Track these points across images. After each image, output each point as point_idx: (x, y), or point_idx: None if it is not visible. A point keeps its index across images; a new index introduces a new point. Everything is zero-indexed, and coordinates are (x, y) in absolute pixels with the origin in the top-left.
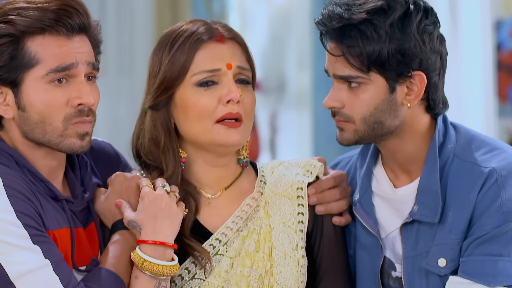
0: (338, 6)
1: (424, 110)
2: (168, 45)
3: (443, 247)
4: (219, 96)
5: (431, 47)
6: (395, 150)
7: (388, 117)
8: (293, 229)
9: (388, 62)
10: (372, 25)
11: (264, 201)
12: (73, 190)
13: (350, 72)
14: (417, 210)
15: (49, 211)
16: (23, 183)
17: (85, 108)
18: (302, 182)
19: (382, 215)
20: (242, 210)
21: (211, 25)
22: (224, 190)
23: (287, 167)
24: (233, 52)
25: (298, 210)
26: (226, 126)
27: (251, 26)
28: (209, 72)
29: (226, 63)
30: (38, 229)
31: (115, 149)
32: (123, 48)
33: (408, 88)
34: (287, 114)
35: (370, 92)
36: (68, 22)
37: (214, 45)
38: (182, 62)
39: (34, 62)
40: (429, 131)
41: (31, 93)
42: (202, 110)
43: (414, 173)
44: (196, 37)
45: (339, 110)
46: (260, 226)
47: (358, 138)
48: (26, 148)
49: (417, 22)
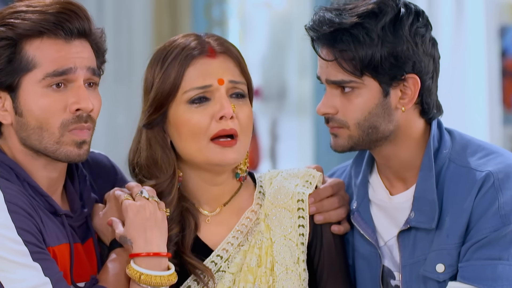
0: (328, 11)
1: (418, 114)
2: (160, 62)
3: (441, 252)
4: (212, 113)
5: (423, 50)
6: (390, 157)
7: (383, 122)
8: (294, 242)
9: (381, 65)
10: (364, 29)
11: (264, 213)
12: (72, 204)
13: (343, 76)
14: (413, 217)
15: (49, 226)
16: (24, 198)
17: (84, 114)
18: (303, 194)
19: (379, 223)
20: (242, 224)
21: (203, 39)
22: (222, 206)
23: (286, 177)
24: (225, 66)
25: (299, 223)
26: (221, 146)
27: (251, 32)
28: (200, 88)
29: (217, 79)
30: (39, 246)
31: (111, 162)
32: (121, 55)
33: (402, 91)
34: (288, 122)
35: (363, 97)
36: (67, 25)
37: (205, 61)
38: (173, 80)
39: (31, 66)
40: (424, 137)
41: (28, 98)
42: (195, 128)
43: (409, 180)
44: (186, 53)
45: (332, 116)
46: (261, 240)
47: (352, 144)
48: (25, 157)
49: (409, 25)
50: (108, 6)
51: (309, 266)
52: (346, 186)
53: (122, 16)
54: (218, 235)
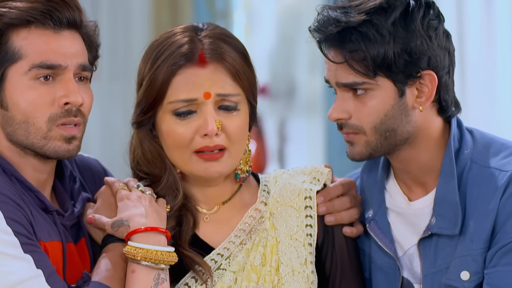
0: (333, 10)
1: (436, 113)
2: (151, 60)
3: (465, 259)
4: (197, 127)
5: (438, 43)
6: (409, 161)
7: (400, 124)
8: (301, 242)
9: (394, 63)
10: (373, 26)
11: (269, 212)
12: (62, 204)
13: (355, 78)
14: (435, 222)
15: (40, 221)
16: (14, 190)
17: (73, 109)
18: (311, 191)
19: (398, 232)
20: (245, 223)
21: (197, 40)
22: (221, 204)
23: (292, 174)
24: (215, 77)
25: (306, 222)
26: (203, 159)
27: (258, 25)
28: (185, 101)
29: (203, 92)
30: (29, 238)
31: (102, 165)
32: (117, 50)
33: (418, 90)
34: (297, 122)
35: (378, 98)
36: (56, 15)
37: (193, 71)
38: (159, 86)
39: (17, 57)
40: (443, 137)
41: (14, 90)
42: (177, 140)
43: (429, 184)
44: (174, 60)
45: (346, 122)
46: (266, 238)
47: (371, 150)
48: (12, 155)
49: (421, 18)
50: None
51: (320, 270)
52: (359, 194)
53: (119, 8)
54: (218, 233)
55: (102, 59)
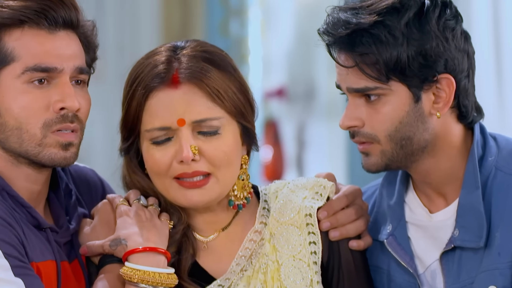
0: (343, 11)
1: (456, 119)
2: (129, 83)
3: (492, 273)
4: (174, 152)
5: (455, 45)
6: (429, 172)
7: (417, 131)
8: (305, 262)
9: (409, 67)
10: (385, 27)
11: (269, 232)
12: (57, 219)
13: (367, 83)
14: (458, 235)
15: (32, 240)
16: (4, 207)
17: (69, 114)
18: (311, 208)
19: (419, 247)
20: (246, 248)
21: (174, 60)
22: (221, 231)
23: (293, 189)
24: (189, 100)
25: (309, 239)
26: (184, 187)
27: (275, 23)
28: (160, 130)
29: (177, 119)
30: (21, 260)
31: (98, 176)
32: (123, 50)
33: (435, 95)
34: (317, 126)
35: (392, 104)
36: (51, 14)
37: (166, 93)
38: (134, 111)
39: (9, 59)
40: (465, 144)
41: (6, 94)
42: (155, 166)
43: (451, 195)
44: (147, 82)
45: (358, 130)
46: (266, 264)
47: (387, 160)
48: (4, 164)
49: (436, 18)
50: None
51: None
52: (377, 208)
53: (125, 5)
54: (219, 262)
55: (107, 59)
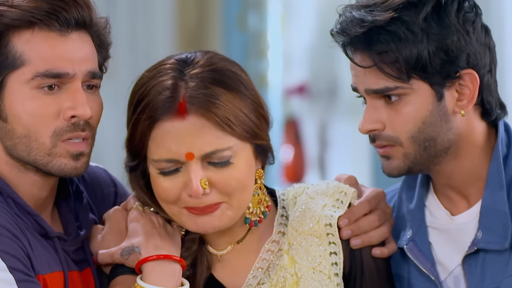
0: (356, 9)
1: (480, 116)
2: (133, 104)
3: None
4: (183, 183)
5: (476, 38)
6: (452, 173)
7: (440, 131)
8: (326, 274)
9: (430, 63)
10: (403, 24)
11: (287, 243)
12: (66, 226)
13: (387, 83)
14: (481, 237)
15: (39, 251)
16: (9, 217)
17: (81, 122)
18: (331, 217)
19: (440, 252)
20: (263, 259)
21: (180, 84)
22: (235, 244)
23: (312, 196)
24: (198, 132)
25: (330, 250)
26: (195, 214)
27: (296, 16)
28: (167, 162)
29: (185, 152)
30: (26, 273)
31: (111, 176)
32: (136, 46)
33: (458, 92)
34: (340, 125)
35: (414, 104)
36: (63, 15)
37: (172, 124)
38: (139, 138)
39: (19, 63)
40: (489, 143)
41: (14, 100)
42: (164, 195)
43: (473, 196)
44: (151, 112)
45: (379, 133)
46: (284, 278)
47: (409, 163)
48: (10, 170)
49: (455, 11)
50: None
51: None
52: (396, 213)
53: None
54: (234, 274)
55: (121, 55)
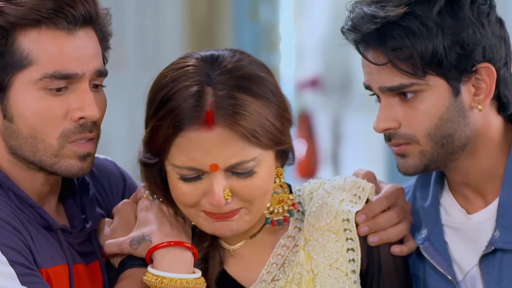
0: (367, 5)
1: (496, 111)
2: (155, 105)
3: None
4: (204, 190)
5: (492, 31)
6: (469, 171)
7: (458, 127)
8: (343, 271)
9: (446, 58)
10: (416, 18)
11: (303, 238)
12: (72, 219)
13: (401, 80)
14: (498, 236)
15: (41, 244)
16: (9, 209)
17: (88, 123)
18: (349, 212)
19: (456, 252)
20: (278, 255)
21: (207, 90)
22: (248, 238)
23: (329, 191)
24: (224, 145)
25: (347, 246)
26: (212, 219)
27: (309, 9)
28: (189, 169)
29: (210, 164)
30: (28, 267)
31: (120, 168)
32: (145, 37)
33: (475, 86)
34: (354, 119)
35: (430, 101)
36: (70, 12)
37: (198, 134)
38: (161, 142)
39: (26, 63)
40: (506, 139)
41: (21, 100)
42: (182, 198)
43: (490, 194)
44: (176, 120)
45: (395, 132)
46: (300, 274)
47: (426, 161)
48: (11, 167)
49: (469, 3)
50: None
51: None
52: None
53: None
54: (248, 270)
55: (129, 47)
